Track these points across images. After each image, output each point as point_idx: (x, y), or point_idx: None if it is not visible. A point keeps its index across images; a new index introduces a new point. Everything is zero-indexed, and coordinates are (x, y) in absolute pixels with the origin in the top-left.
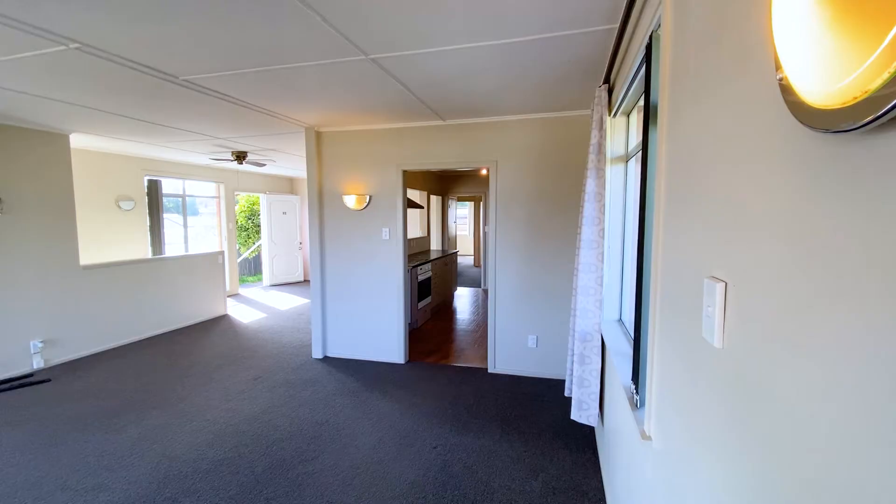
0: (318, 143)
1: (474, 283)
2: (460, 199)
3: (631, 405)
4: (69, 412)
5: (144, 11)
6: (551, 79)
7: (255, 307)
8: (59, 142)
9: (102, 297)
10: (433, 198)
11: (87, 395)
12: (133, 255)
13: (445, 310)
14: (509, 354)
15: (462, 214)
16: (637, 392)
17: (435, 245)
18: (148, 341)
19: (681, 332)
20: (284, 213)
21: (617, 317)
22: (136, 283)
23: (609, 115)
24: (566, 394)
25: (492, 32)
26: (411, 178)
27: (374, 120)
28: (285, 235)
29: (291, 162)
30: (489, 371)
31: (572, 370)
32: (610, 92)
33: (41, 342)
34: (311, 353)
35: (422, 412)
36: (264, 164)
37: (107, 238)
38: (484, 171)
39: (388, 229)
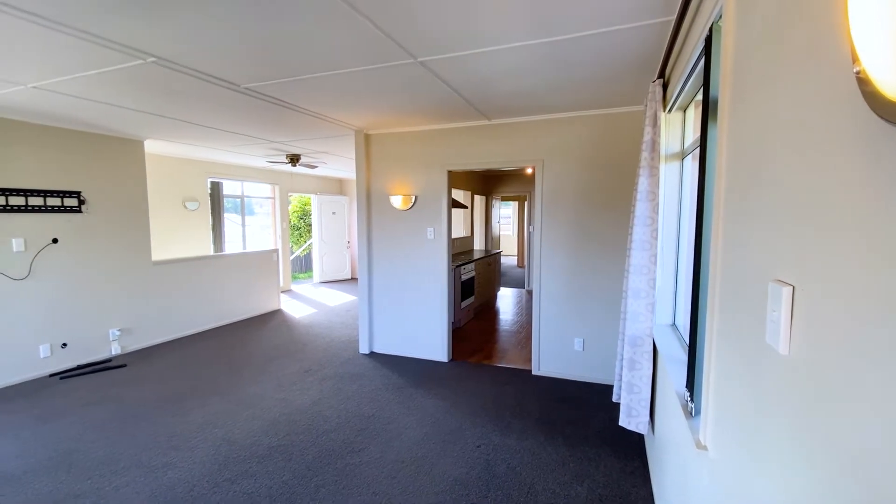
0: (366, 145)
1: (517, 283)
2: (504, 199)
3: (685, 413)
4: (142, 395)
5: (212, 26)
6: (602, 75)
7: (306, 303)
8: (135, 147)
9: (170, 290)
10: (477, 197)
11: (158, 380)
12: (197, 252)
13: (488, 310)
14: (554, 357)
15: (506, 214)
16: (692, 400)
17: (478, 245)
18: (209, 332)
19: (741, 338)
20: (334, 213)
21: (670, 321)
22: (199, 279)
23: (664, 110)
24: (614, 399)
25: (541, 31)
26: (455, 178)
27: (420, 121)
28: (334, 234)
29: (341, 164)
30: (533, 373)
31: (621, 375)
32: (665, 87)
33: (119, 330)
34: (358, 349)
35: (465, 411)
36: (316, 167)
37: (174, 236)
38: (529, 171)
39: (432, 229)
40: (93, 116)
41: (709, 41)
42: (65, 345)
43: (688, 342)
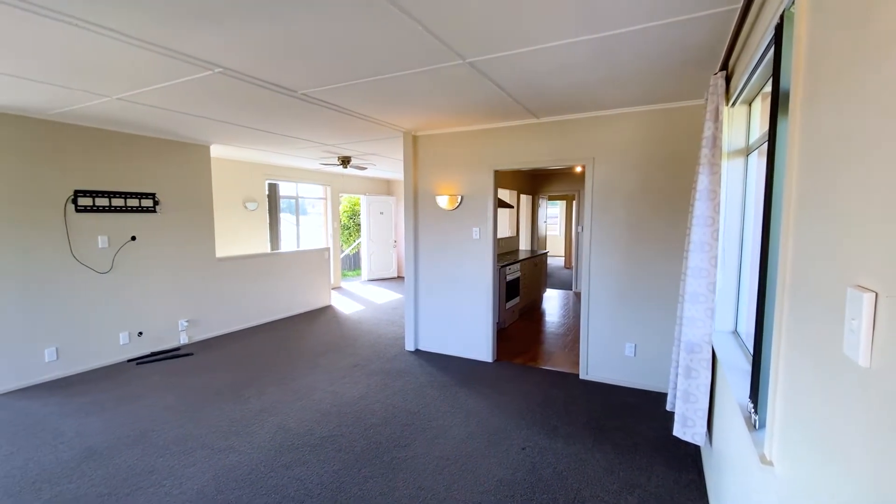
0: (414, 146)
1: (565, 285)
2: (551, 199)
3: (748, 426)
4: (207, 382)
5: (271, 36)
6: (657, 69)
7: (354, 300)
8: (201, 152)
9: (232, 285)
10: (523, 197)
11: (220, 369)
12: (256, 250)
13: (534, 311)
14: (603, 361)
15: (553, 214)
16: (756, 411)
17: (524, 245)
18: (266, 326)
19: (814, 348)
20: (382, 212)
21: (731, 328)
22: (257, 275)
23: (726, 104)
24: (668, 408)
25: (593, 26)
26: (501, 178)
27: (467, 121)
28: (382, 234)
29: (389, 165)
30: (580, 377)
31: (676, 383)
32: (727, 79)
33: (186, 321)
34: (404, 346)
35: (510, 412)
36: (365, 168)
37: (235, 234)
38: (578, 169)
39: (478, 229)
40: (166, 124)
41: (779, 29)
42: (140, 333)
43: (752, 350)
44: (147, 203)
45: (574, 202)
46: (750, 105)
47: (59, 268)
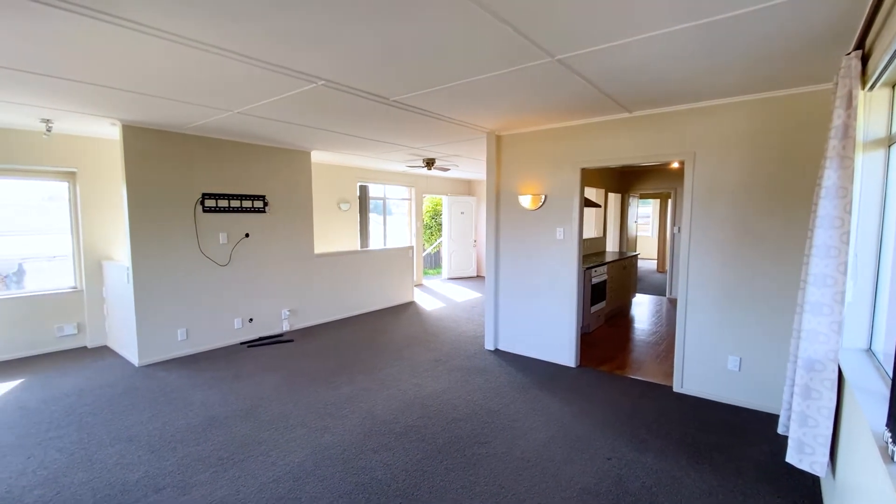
0: (497, 146)
1: (657, 290)
2: (643, 197)
3: (884, 457)
4: (305, 367)
5: (369, 48)
6: (775, 52)
7: (435, 297)
8: (303, 157)
9: (326, 279)
10: (611, 195)
11: (317, 356)
12: (348, 247)
13: (621, 317)
14: (702, 375)
15: (644, 213)
16: (895, 442)
17: (611, 246)
18: (355, 318)
19: None
20: (462, 212)
21: (864, 345)
22: (349, 270)
23: (862, 88)
24: (780, 430)
25: (702, 10)
26: (588, 176)
27: (552, 119)
28: (462, 233)
29: (471, 166)
30: (674, 390)
31: (790, 404)
32: (864, 60)
33: (288, 311)
34: (483, 344)
35: (594, 420)
36: (448, 169)
37: (330, 233)
38: (675, 165)
39: (562, 229)
40: (275, 133)
41: None
42: (251, 320)
43: (891, 373)
44: (258, 204)
45: (670, 201)
46: (893, 88)
47: (189, 260)
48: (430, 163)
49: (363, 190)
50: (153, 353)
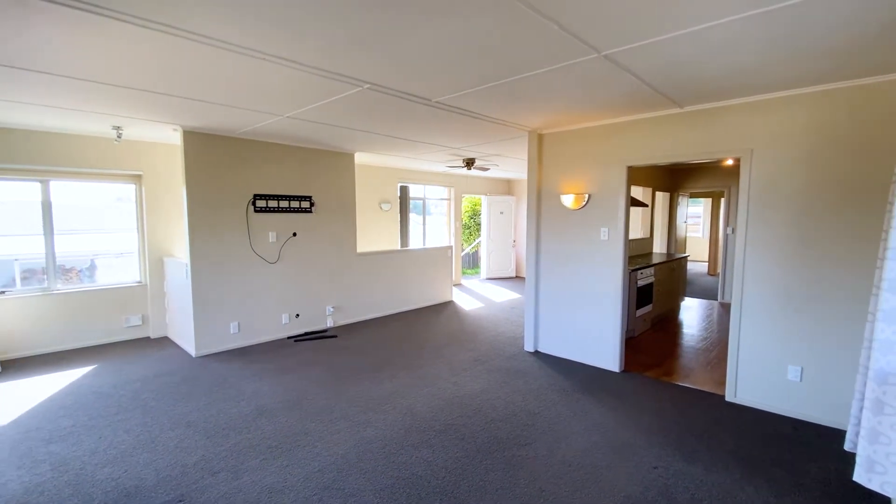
0: (539, 144)
1: (708, 294)
2: (693, 196)
3: None
4: (348, 362)
5: (413, 51)
6: (853, 37)
7: (474, 297)
8: (347, 159)
9: (368, 277)
10: (659, 194)
11: (359, 352)
12: (389, 247)
13: (669, 321)
14: (758, 384)
15: (694, 213)
16: None
17: (659, 248)
18: (395, 316)
19: None
20: (501, 212)
21: None
22: (389, 269)
23: None
24: (847, 447)
25: None
26: (634, 174)
27: (597, 116)
28: (501, 233)
29: (512, 165)
30: (727, 399)
31: (859, 419)
32: None
33: (332, 307)
34: (523, 346)
35: (639, 427)
36: (488, 169)
37: (371, 233)
38: (730, 162)
39: (607, 229)
40: (321, 136)
41: None
42: (297, 315)
43: None
44: (305, 205)
45: (723, 200)
46: None
47: (242, 257)
48: (469, 163)
49: (403, 190)
50: (208, 345)
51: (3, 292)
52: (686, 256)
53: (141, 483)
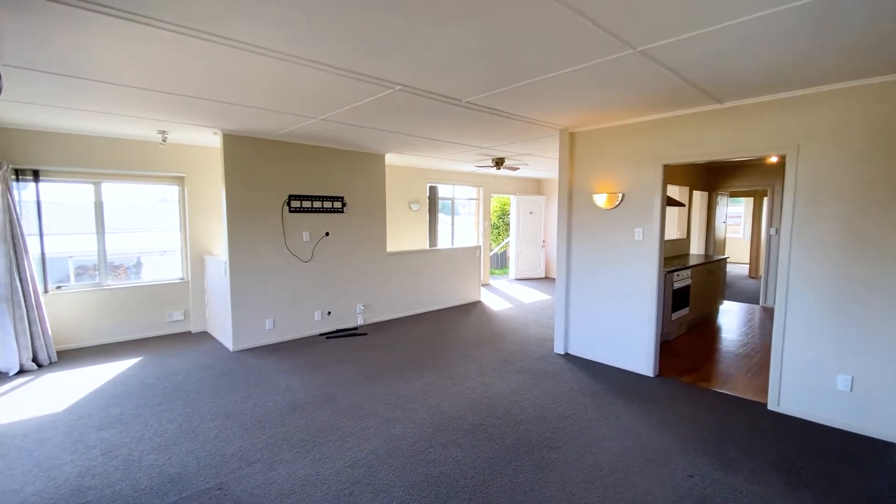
0: (570, 143)
1: (749, 297)
2: (733, 195)
3: None
4: (377, 360)
5: (443, 52)
6: None
7: (502, 297)
8: (378, 160)
9: (398, 277)
10: (697, 193)
11: (388, 349)
12: (418, 247)
13: (706, 325)
14: (804, 393)
15: (734, 213)
16: None
17: (696, 249)
18: (424, 315)
19: None
20: (531, 212)
21: None
22: (418, 269)
23: None
24: None
25: None
26: (670, 172)
27: (631, 114)
28: (530, 233)
29: (542, 164)
30: (769, 408)
31: None
32: None
33: (363, 306)
34: (552, 347)
35: (674, 433)
36: (518, 168)
37: (401, 233)
38: (773, 160)
39: (641, 230)
40: (353, 137)
41: None
42: (329, 313)
43: None
44: (337, 205)
45: (765, 199)
46: None
47: (277, 256)
48: (499, 162)
49: (432, 190)
50: (245, 340)
51: (60, 287)
52: (725, 258)
53: (183, 470)
